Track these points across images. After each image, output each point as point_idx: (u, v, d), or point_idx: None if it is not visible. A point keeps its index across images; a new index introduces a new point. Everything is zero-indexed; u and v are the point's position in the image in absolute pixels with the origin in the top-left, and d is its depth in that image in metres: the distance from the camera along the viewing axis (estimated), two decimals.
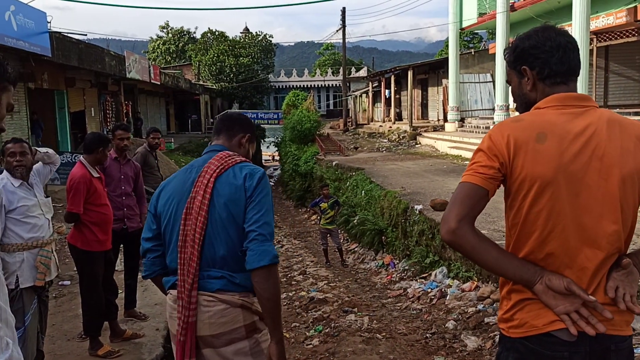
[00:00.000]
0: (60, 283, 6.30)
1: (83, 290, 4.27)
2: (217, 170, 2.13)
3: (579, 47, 1.77)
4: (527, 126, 1.61)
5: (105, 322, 4.47)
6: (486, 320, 5.29)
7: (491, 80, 22.83)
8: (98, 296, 4.23)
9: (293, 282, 9.26)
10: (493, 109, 19.15)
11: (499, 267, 1.59)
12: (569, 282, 1.55)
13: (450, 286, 6.65)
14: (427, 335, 5.44)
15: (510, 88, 1.87)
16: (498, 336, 1.76)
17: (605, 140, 1.58)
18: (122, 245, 5.13)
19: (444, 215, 1.61)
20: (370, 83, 32.82)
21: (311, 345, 5.60)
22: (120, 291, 4.78)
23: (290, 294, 8.43)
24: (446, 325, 5.56)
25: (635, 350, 1.73)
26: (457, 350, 4.92)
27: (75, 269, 5.93)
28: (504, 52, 1.83)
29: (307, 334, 6.12)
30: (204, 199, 2.08)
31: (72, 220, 4.23)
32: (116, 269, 5.03)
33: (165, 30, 55.71)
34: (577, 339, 1.56)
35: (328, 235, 10.39)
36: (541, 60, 1.68)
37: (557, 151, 1.56)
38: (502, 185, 1.67)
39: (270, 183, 29.36)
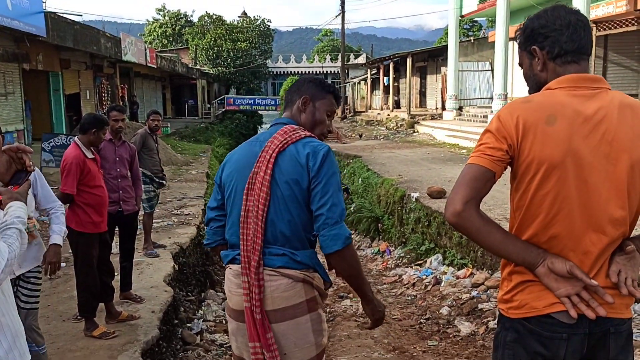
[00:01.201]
0: None
1: (77, 271, 4.26)
2: (280, 146, 2.06)
3: None
4: (536, 107, 1.58)
5: (100, 303, 4.47)
6: (480, 306, 5.32)
7: (490, 68, 22.76)
8: (92, 277, 4.22)
9: None
10: (491, 98, 19.12)
11: (503, 249, 1.59)
12: (571, 265, 1.54)
13: (445, 273, 6.68)
14: (422, 320, 5.48)
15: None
16: (496, 318, 1.77)
17: (615, 125, 1.56)
18: (117, 228, 5.11)
19: (449, 197, 1.60)
20: (369, 70, 32.68)
21: None
22: (116, 274, 4.77)
23: None
24: (440, 311, 5.60)
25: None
26: (451, 336, 4.96)
27: (70, 250, 5.92)
28: (515, 33, 1.80)
29: None
30: (265, 174, 2.04)
31: (65, 201, 4.20)
32: (112, 251, 5.02)
33: (161, 13, 55.15)
34: (577, 321, 1.56)
35: None
36: (551, 39, 1.65)
37: (567, 134, 1.54)
38: (508, 167, 1.65)
39: None
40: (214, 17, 48.91)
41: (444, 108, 22.23)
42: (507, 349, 1.66)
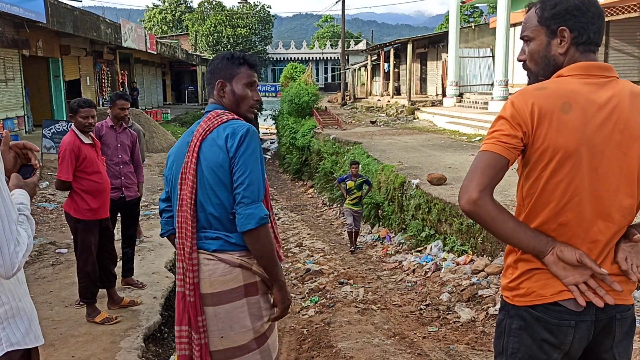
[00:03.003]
0: (57, 251, 6.33)
1: (77, 257, 4.29)
2: (203, 133, 2.12)
3: None
4: (551, 95, 1.56)
5: (102, 289, 4.50)
6: (480, 292, 5.35)
7: (491, 55, 22.62)
8: (91, 264, 4.24)
9: (289, 254, 9.32)
10: (492, 85, 19.03)
11: (515, 237, 1.57)
12: (581, 254, 1.55)
13: (445, 259, 6.71)
14: (422, 306, 5.51)
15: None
16: (499, 305, 1.76)
17: (627, 113, 1.57)
18: (119, 214, 5.13)
19: (463, 185, 1.57)
20: (369, 56, 32.47)
21: (307, 316, 5.67)
22: (117, 260, 4.80)
23: (286, 266, 8.49)
24: (440, 297, 5.63)
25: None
26: (451, 322, 4.99)
27: (72, 237, 5.92)
28: (535, 6, 1.69)
29: (303, 304, 6.19)
30: (191, 163, 2.10)
31: (62, 187, 4.22)
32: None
33: None
34: (584, 309, 1.57)
35: (353, 216, 9.17)
36: (582, 25, 1.61)
37: (581, 122, 1.53)
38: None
39: (267, 156, 28.84)
40: (214, 3, 48.61)
41: (444, 94, 22.13)
42: (513, 336, 1.66)
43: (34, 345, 1.76)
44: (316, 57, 51.77)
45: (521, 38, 1.74)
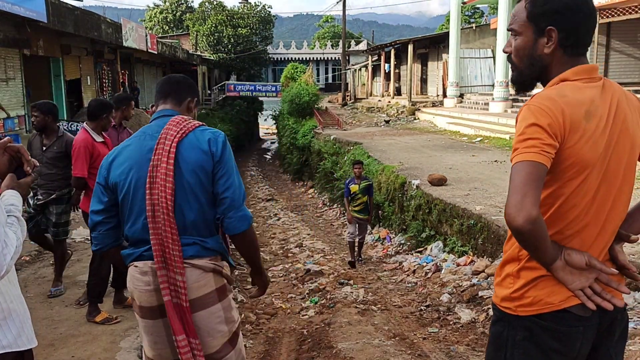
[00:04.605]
0: None
1: (94, 256, 4.28)
2: (178, 135, 2.08)
3: None
4: (575, 103, 1.49)
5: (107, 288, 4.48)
6: (480, 293, 5.35)
7: (492, 55, 22.63)
8: (107, 263, 4.24)
9: (289, 255, 9.33)
10: (493, 85, 19.04)
11: (549, 251, 1.50)
12: (589, 256, 1.53)
13: (446, 260, 6.71)
14: (422, 307, 5.51)
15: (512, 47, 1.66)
16: (495, 315, 1.72)
17: (627, 116, 1.56)
18: None
19: (515, 201, 1.41)
20: (369, 57, 32.47)
21: (307, 316, 5.67)
22: None
23: (286, 266, 8.49)
24: (440, 298, 5.62)
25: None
26: (451, 323, 4.99)
27: (75, 238, 5.93)
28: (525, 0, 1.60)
29: (303, 304, 6.19)
30: (168, 165, 2.04)
31: (79, 184, 4.25)
32: None
33: None
34: (591, 313, 1.55)
35: (357, 224, 8.32)
36: (571, 26, 1.54)
37: (602, 132, 1.51)
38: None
39: (267, 157, 28.90)
40: (215, 3, 48.56)
41: (445, 95, 22.13)
42: (517, 348, 1.60)
43: (27, 347, 1.73)
44: (317, 58, 51.74)
45: (508, 29, 1.66)
